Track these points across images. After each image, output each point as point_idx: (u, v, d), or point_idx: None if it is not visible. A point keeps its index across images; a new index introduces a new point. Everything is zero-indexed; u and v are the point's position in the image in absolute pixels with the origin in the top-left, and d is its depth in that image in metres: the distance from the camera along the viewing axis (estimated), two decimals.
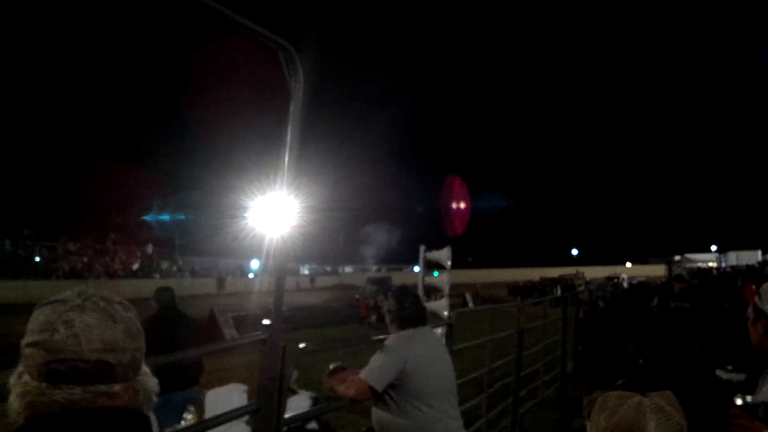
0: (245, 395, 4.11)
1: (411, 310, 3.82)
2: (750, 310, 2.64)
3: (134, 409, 1.24)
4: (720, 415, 2.43)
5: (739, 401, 2.36)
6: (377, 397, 3.56)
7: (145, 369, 1.31)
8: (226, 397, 4.04)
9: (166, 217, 55.69)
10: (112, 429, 1.18)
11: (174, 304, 6.50)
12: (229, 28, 2.65)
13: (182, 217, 57.59)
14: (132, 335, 1.26)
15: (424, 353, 3.66)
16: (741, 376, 6.55)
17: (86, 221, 49.36)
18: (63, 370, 1.16)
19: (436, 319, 6.55)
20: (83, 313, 1.21)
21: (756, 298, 2.59)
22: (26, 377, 1.18)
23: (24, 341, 1.20)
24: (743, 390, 2.75)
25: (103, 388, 1.19)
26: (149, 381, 1.30)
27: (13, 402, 1.19)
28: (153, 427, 1.31)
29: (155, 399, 1.31)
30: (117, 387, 1.21)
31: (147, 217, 53.72)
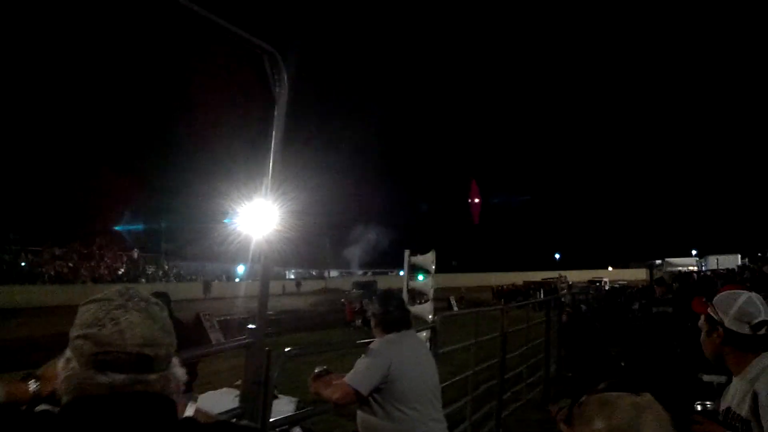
0: (237, 399, 4.12)
1: (395, 314, 3.83)
2: (702, 322, 2.66)
3: (164, 395, 1.41)
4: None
5: (699, 407, 2.41)
6: (362, 400, 3.57)
7: (174, 361, 1.48)
8: (218, 400, 4.05)
9: (150, 223, 55.48)
10: (145, 410, 1.36)
11: (170, 309, 6.46)
12: (215, 33, 2.68)
13: (167, 222, 57.40)
14: (166, 332, 1.45)
15: (408, 357, 3.68)
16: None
17: (72, 226, 49.04)
18: (108, 360, 1.34)
19: (420, 322, 6.60)
20: (127, 312, 1.40)
21: (709, 309, 2.62)
22: (74, 363, 1.36)
23: (73, 333, 1.38)
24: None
25: (140, 376, 1.37)
26: (178, 371, 1.49)
27: (61, 385, 1.37)
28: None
29: (183, 387, 1.49)
30: (152, 376, 1.39)
31: (129, 227, 53.47)
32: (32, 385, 1.65)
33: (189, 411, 1.75)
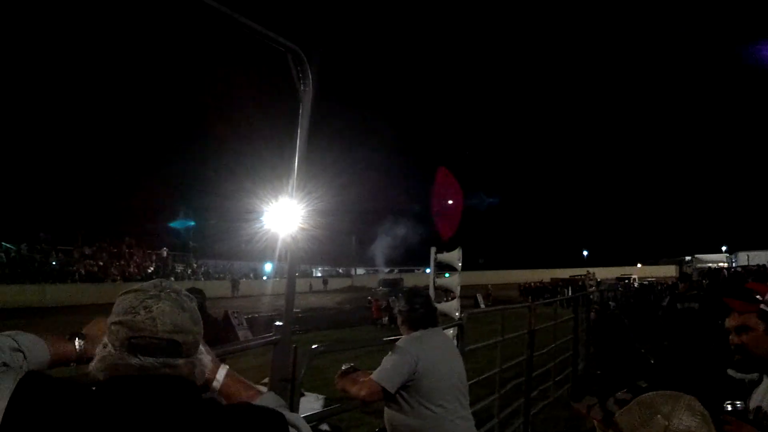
0: None
1: (422, 312, 3.83)
2: (756, 320, 2.59)
3: (188, 379, 1.54)
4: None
5: (729, 407, 2.37)
6: (389, 398, 3.58)
7: (201, 349, 1.61)
8: None
9: (180, 221, 56.01)
10: (170, 392, 1.49)
11: (204, 306, 6.53)
12: (240, 32, 2.69)
13: (196, 221, 57.92)
14: (195, 321, 1.58)
15: (435, 354, 3.68)
16: (753, 375, 6.54)
17: (101, 225, 49.62)
18: (141, 344, 1.47)
19: (447, 319, 6.58)
20: (159, 302, 1.52)
21: (762, 305, 2.56)
22: (110, 347, 1.49)
23: (110, 320, 1.51)
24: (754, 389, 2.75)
25: (169, 360, 1.50)
26: (205, 359, 1.62)
27: (97, 363, 1.50)
28: None
29: (207, 374, 1.65)
30: (180, 361, 1.52)
31: (174, 224, 54.04)
32: (78, 344, 1.76)
33: (221, 373, 1.82)
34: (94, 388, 1.49)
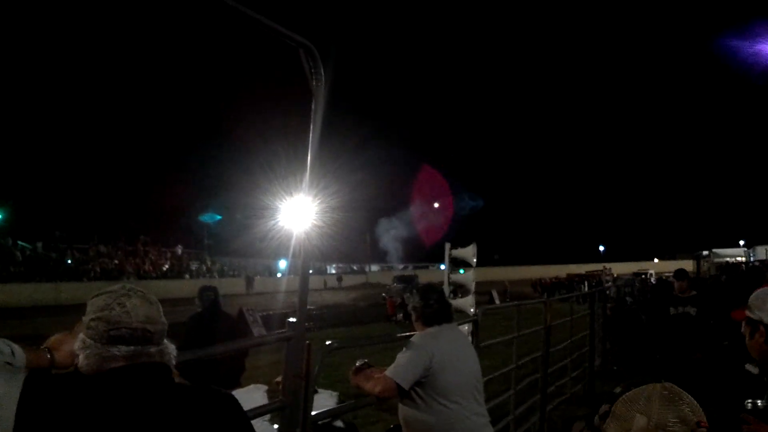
0: (266, 395, 4.13)
1: (436, 308, 3.81)
2: (744, 327, 2.57)
3: (163, 363, 1.77)
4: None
5: (749, 405, 2.32)
6: (403, 394, 3.56)
7: (167, 339, 1.82)
8: (248, 397, 4.06)
9: (209, 215, 56.26)
10: (152, 375, 1.72)
11: (217, 303, 6.55)
12: (252, 28, 2.68)
13: (210, 218, 58.12)
14: (161, 313, 1.81)
15: (449, 350, 3.65)
16: None
17: (117, 223, 49.95)
18: (119, 336, 1.68)
19: (462, 315, 6.54)
20: (131, 298, 1.74)
21: (746, 312, 2.53)
22: (89, 342, 1.69)
23: (88, 318, 1.71)
24: None
25: (144, 348, 1.72)
26: (170, 346, 1.82)
27: (84, 360, 1.69)
28: None
29: (174, 360, 1.83)
30: (152, 348, 1.74)
31: (203, 218, 54.25)
32: (48, 354, 1.87)
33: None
34: (91, 380, 1.68)
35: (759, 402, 2.31)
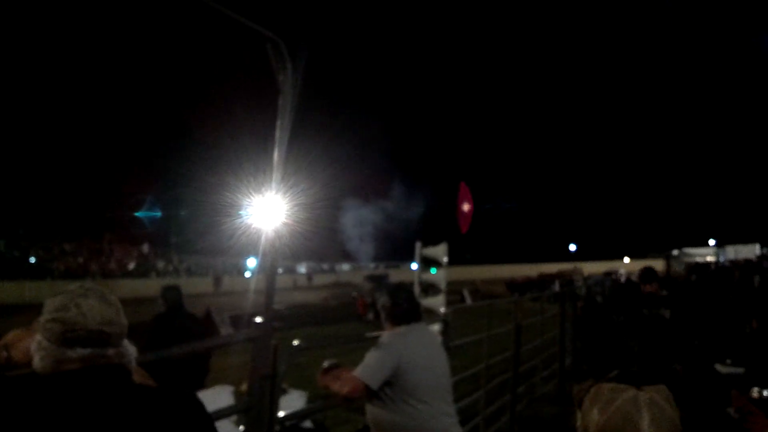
0: (232, 396, 4.06)
1: (405, 307, 3.77)
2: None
3: (122, 365, 1.75)
4: (719, 409, 2.38)
5: (755, 394, 2.29)
6: (372, 394, 3.52)
7: (126, 341, 1.80)
8: (213, 398, 3.99)
9: (159, 215, 55.43)
10: (109, 377, 1.69)
11: (181, 302, 6.45)
12: (218, 20, 2.61)
13: (177, 216, 57.49)
14: (119, 315, 1.78)
15: (418, 350, 3.62)
16: (740, 370, 6.51)
17: (81, 221, 49.28)
18: (75, 337, 1.67)
19: (432, 315, 6.52)
20: (87, 299, 1.71)
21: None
22: (45, 343, 1.67)
23: (44, 318, 1.69)
24: (742, 384, 2.70)
25: (101, 350, 1.70)
26: (130, 348, 1.80)
27: (39, 361, 1.67)
28: None
29: (134, 362, 1.81)
30: (110, 350, 1.72)
31: (139, 214, 53.27)
32: (4, 352, 1.89)
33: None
34: (44, 383, 1.65)
35: (765, 392, 2.29)
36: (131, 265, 50.14)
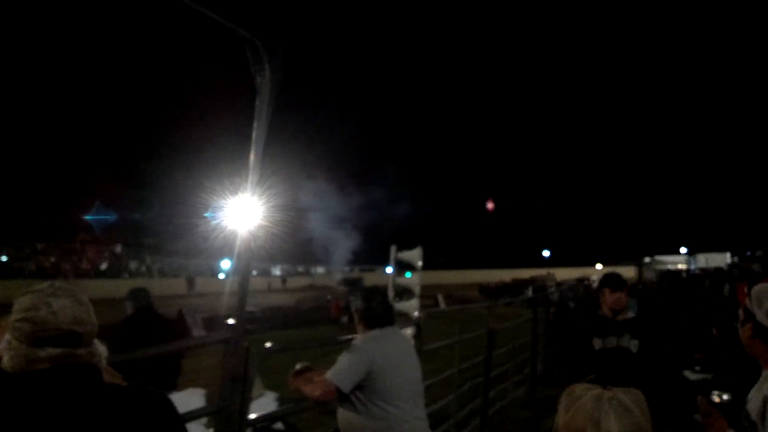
0: (203, 398, 4.04)
1: (378, 310, 3.78)
2: (740, 311, 2.59)
3: (93, 364, 1.75)
4: (687, 415, 2.42)
5: (716, 398, 2.33)
6: (343, 397, 3.52)
7: (96, 340, 1.79)
8: (185, 400, 3.96)
9: (96, 215, 54.55)
10: (80, 376, 1.69)
11: (150, 305, 6.35)
12: (195, 20, 2.60)
13: (150, 217, 56.90)
14: (90, 314, 1.77)
15: (391, 354, 3.62)
16: (709, 376, 6.61)
17: (53, 221, 48.63)
18: (45, 337, 1.65)
19: (405, 319, 6.52)
20: (58, 298, 1.70)
21: (746, 300, 2.55)
22: (15, 343, 1.66)
23: (14, 318, 1.68)
24: (709, 390, 2.74)
25: (72, 350, 1.69)
26: (100, 347, 1.80)
27: (9, 360, 1.66)
28: None
29: (105, 361, 1.81)
30: (81, 350, 1.71)
31: (89, 217, 52.18)
32: None
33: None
34: (14, 382, 1.64)
35: (725, 395, 2.32)
36: (103, 266, 49.61)
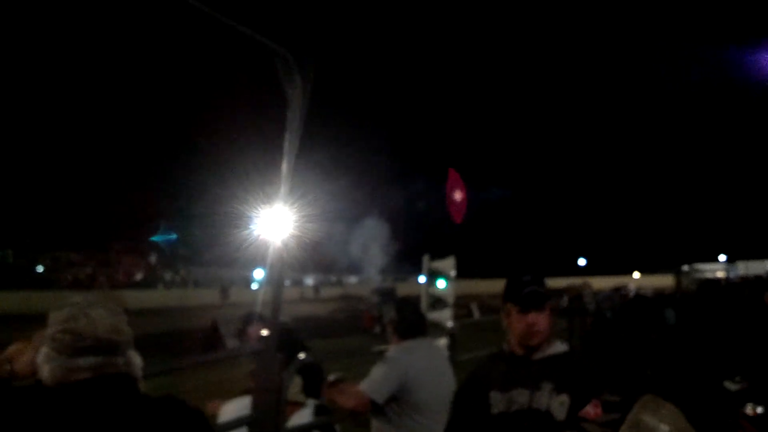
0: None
1: (411, 321, 3.77)
2: None
3: (130, 374, 1.77)
4: (729, 427, 2.36)
5: (749, 410, 2.28)
6: (377, 409, 3.50)
7: (132, 350, 1.82)
8: (237, 409, 3.98)
9: (162, 235, 55.42)
10: (118, 387, 1.72)
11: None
12: (225, 33, 2.62)
13: (185, 227, 57.53)
14: (125, 324, 1.80)
15: (424, 365, 3.61)
16: (744, 385, 6.46)
17: (89, 231, 49.41)
18: (85, 346, 1.68)
19: (439, 329, 6.49)
20: (95, 309, 1.74)
21: None
22: (54, 354, 1.68)
23: (52, 330, 1.71)
24: (748, 400, 2.67)
25: (110, 359, 1.71)
26: (137, 357, 1.83)
27: (49, 373, 1.68)
28: None
29: (141, 371, 1.83)
30: (119, 359, 1.74)
31: (156, 238, 53.43)
32: (7, 365, 1.89)
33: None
34: (54, 393, 1.67)
35: (759, 409, 2.27)
36: (138, 276, 50.20)
